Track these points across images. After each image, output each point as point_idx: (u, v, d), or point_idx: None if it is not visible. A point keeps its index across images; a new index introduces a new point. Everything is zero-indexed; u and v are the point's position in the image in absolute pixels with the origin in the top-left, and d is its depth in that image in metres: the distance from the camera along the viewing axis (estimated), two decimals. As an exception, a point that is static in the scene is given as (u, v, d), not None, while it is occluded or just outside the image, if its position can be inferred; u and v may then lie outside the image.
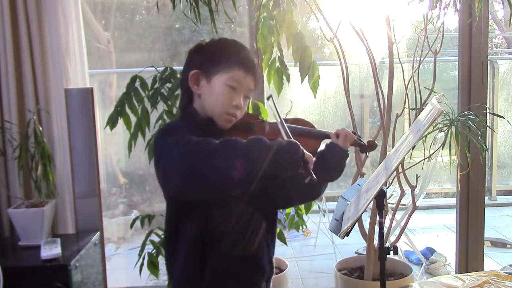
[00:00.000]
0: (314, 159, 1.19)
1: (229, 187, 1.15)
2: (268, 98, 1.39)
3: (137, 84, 2.29)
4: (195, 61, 1.35)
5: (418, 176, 2.56)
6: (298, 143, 1.17)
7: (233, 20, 2.20)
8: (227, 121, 1.33)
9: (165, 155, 1.17)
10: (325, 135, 1.45)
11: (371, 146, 1.51)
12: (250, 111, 2.50)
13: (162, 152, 1.19)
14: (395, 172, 2.44)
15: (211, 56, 1.34)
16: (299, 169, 1.16)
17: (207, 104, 1.33)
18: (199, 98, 1.34)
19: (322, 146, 1.46)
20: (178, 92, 2.21)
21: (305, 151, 1.16)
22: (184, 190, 1.14)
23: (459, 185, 2.79)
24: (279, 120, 1.32)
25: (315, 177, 1.15)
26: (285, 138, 1.25)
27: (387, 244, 1.88)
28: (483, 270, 2.89)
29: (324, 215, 4.00)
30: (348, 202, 1.61)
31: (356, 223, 1.63)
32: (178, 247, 1.30)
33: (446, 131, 2.43)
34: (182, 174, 1.11)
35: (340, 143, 1.43)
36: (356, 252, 3.63)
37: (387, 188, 1.91)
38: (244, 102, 1.35)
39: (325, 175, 1.42)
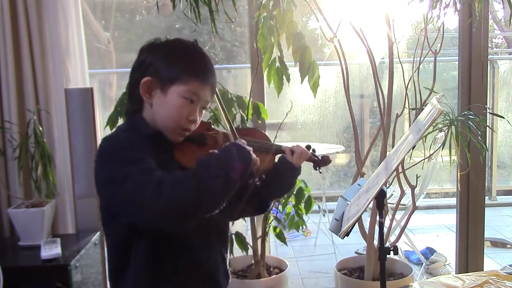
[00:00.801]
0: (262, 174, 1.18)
1: (202, 216, 1.12)
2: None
3: (137, 84, 2.28)
4: (148, 65, 1.22)
5: (418, 176, 2.56)
6: (245, 145, 1.15)
7: (233, 20, 2.19)
8: (179, 135, 1.24)
9: (130, 189, 1.07)
10: (280, 151, 1.40)
11: (325, 161, 1.48)
12: (250, 111, 2.50)
13: (121, 180, 1.08)
14: (395, 172, 2.44)
15: (167, 63, 1.21)
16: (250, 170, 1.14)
17: (159, 117, 1.22)
18: (150, 107, 1.22)
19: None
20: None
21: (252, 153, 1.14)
22: (156, 226, 1.09)
23: (459, 185, 2.79)
24: (230, 132, 1.25)
25: (258, 182, 1.14)
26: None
27: (387, 244, 1.88)
28: (483, 270, 2.89)
29: (324, 215, 4.00)
30: (348, 202, 1.61)
31: (356, 223, 1.63)
32: (128, 268, 1.20)
33: (446, 131, 2.43)
34: (157, 215, 1.04)
35: (294, 160, 1.39)
36: (356, 252, 3.63)
37: (387, 188, 1.91)
38: (200, 114, 1.26)
39: (274, 190, 1.40)
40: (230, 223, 1.49)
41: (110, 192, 1.13)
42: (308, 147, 1.45)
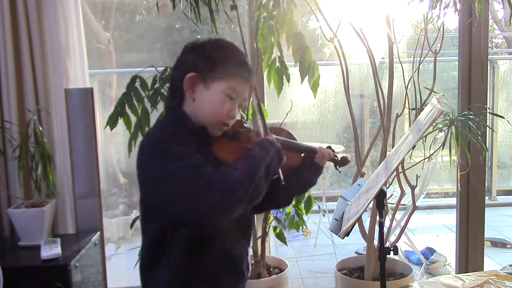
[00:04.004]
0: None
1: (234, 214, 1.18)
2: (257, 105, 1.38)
3: (137, 84, 2.29)
4: (192, 62, 1.29)
5: (418, 176, 2.56)
6: (277, 144, 1.25)
7: (233, 20, 2.19)
8: (219, 130, 1.31)
9: (172, 183, 1.13)
10: (307, 150, 1.47)
11: (344, 162, 1.55)
12: (250, 111, 2.50)
13: (167, 177, 1.14)
14: (395, 172, 2.44)
15: (210, 60, 1.28)
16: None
17: (201, 111, 1.28)
18: (192, 102, 1.29)
19: None
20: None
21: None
22: (201, 221, 1.16)
23: (459, 185, 2.79)
24: (262, 130, 1.33)
25: (283, 181, 1.24)
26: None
27: (387, 244, 1.88)
28: (483, 270, 2.89)
29: (324, 215, 4.00)
30: (348, 202, 1.61)
31: (356, 223, 1.63)
32: (160, 261, 1.26)
33: (446, 131, 2.43)
34: (205, 211, 1.12)
35: (319, 160, 1.46)
36: (356, 252, 3.63)
37: (387, 188, 1.91)
38: (237, 111, 1.33)
39: (297, 187, 1.47)
40: None
41: (156, 188, 1.19)
42: (329, 147, 1.52)
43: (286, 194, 1.47)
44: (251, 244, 1.49)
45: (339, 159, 1.54)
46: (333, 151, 1.52)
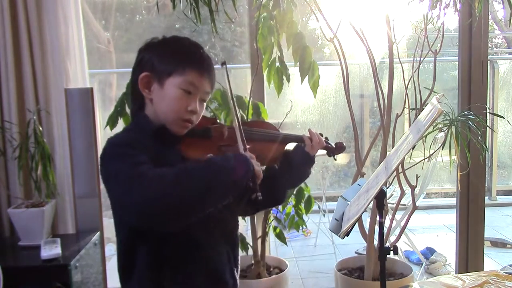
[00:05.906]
0: (263, 173, 1.15)
1: (187, 219, 1.08)
2: (222, 65, 1.28)
3: (137, 84, 2.28)
4: (145, 62, 1.24)
5: (418, 176, 2.56)
6: (248, 157, 1.12)
7: (233, 20, 2.19)
8: (182, 127, 1.24)
9: (118, 184, 1.08)
10: (293, 140, 1.40)
11: (339, 148, 1.46)
12: (250, 111, 2.50)
13: (113, 177, 1.10)
14: (395, 172, 2.44)
15: (163, 56, 1.22)
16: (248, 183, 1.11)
17: (160, 110, 1.22)
18: (151, 103, 1.23)
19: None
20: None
21: (255, 166, 1.11)
22: (143, 224, 1.09)
23: (459, 185, 2.79)
24: (236, 124, 1.22)
25: (260, 196, 1.11)
26: (241, 147, 1.19)
27: (387, 244, 1.88)
28: (483, 270, 2.88)
29: (324, 215, 4.00)
30: (348, 202, 1.61)
31: (356, 223, 1.63)
32: (133, 271, 1.22)
33: (446, 131, 2.43)
34: (139, 211, 1.04)
35: (308, 149, 1.39)
36: (356, 252, 3.63)
37: (387, 188, 1.91)
38: (200, 106, 1.26)
39: (289, 180, 1.40)
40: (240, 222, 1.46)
41: (109, 190, 1.15)
42: (321, 135, 1.44)
43: (278, 190, 1.40)
44: (240, 249, 1.38)
45: (333, 145, 1.45)
46: (326, 138, 1.44)
